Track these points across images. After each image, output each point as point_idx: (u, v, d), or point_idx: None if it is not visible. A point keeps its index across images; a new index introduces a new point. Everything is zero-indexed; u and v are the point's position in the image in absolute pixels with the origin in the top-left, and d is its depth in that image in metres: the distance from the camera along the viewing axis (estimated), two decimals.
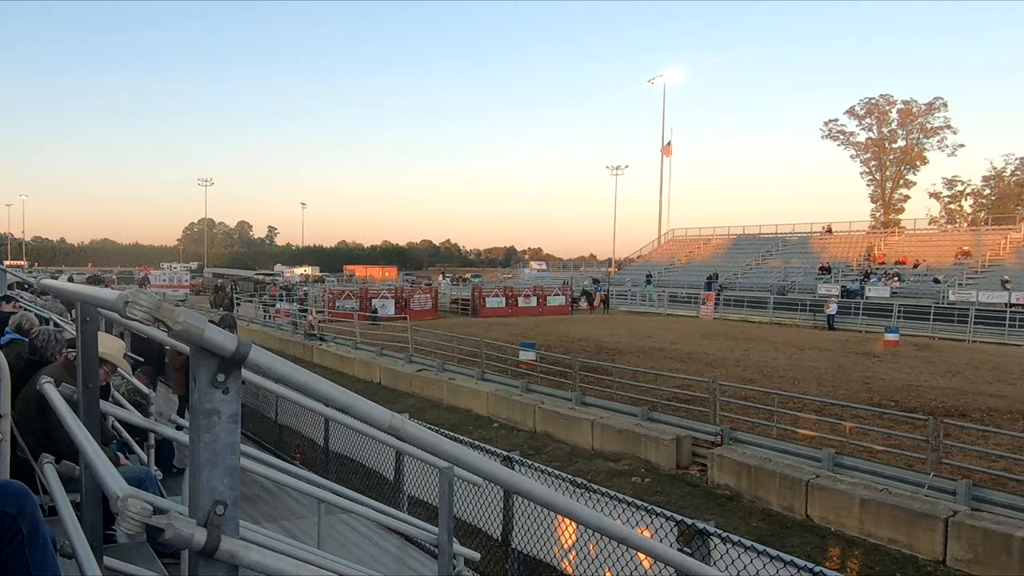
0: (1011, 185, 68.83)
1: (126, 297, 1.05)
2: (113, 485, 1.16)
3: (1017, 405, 15.05)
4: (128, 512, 1.08)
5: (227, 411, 1.11)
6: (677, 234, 64.86)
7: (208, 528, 1.10)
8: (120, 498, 1.09)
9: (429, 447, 1.36)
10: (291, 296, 39.67)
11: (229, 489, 1.13)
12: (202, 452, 1.09)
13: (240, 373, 1.11)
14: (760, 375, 18.57)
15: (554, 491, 1.58)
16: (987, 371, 20.26)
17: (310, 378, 1.21)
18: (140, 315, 1.04)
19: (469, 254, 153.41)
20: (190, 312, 1.06)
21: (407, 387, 19.60)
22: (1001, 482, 9.72)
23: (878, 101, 72.28)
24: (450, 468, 3.01)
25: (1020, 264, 39.36)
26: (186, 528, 1.08)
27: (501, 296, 40.86)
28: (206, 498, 1.10)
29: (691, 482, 11.84)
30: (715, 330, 31.78)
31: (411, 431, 1.33)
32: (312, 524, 5.33)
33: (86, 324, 1.97)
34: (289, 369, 1.18)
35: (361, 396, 1.29)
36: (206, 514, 1.10)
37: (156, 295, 1.06)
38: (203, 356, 1.07)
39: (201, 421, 1.09)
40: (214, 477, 1.11)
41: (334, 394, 1.24)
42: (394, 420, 1.31)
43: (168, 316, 1.04)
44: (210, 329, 1.06)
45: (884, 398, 15.58)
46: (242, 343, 1.09)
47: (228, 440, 1.11)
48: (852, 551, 9.25)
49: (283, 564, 1.24)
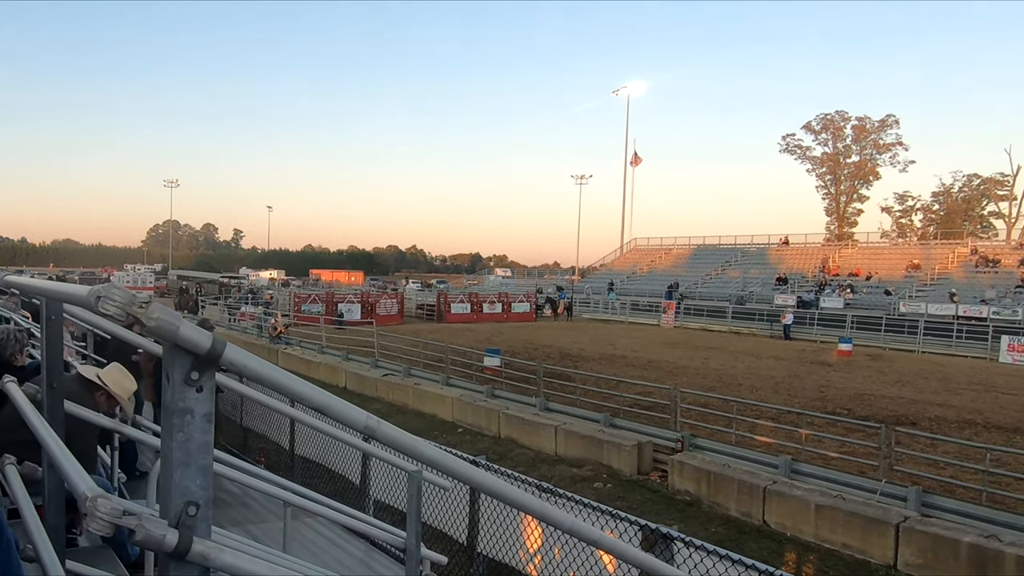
0: (959, 201, 71.16)
1: (98, 292, 1.02)
2: (82, 485, 1.13)
3: (964, 414, 15.54)
4: (97, 512, 1.05)
5: (201, 410, 1.08)
6: (639, 243, 65.59)
7: (180, 529, 1.08)
8: (89, 498, 1.06)
9: (404, 448, 1.35)
10: (256, 299, 39.05)
11: (202, 490, 1.10)
12: (175, 452, 1.07)
13: (214, 371, 1.09)
14: (719, 383, 18.85)
15: (529, 495, 1.58)
16: (935, 381, 20.88)
17: (285, 377, 1.20)
18: (113, 310, 1.01)
19: (435, 260, 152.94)
20: (164, 308, 1.04)
21: (373, 392, 19.44)
22: (950, 489, 10.02)
23: (833, 117, 74.16)
24: (419, 472, 2.99)
25: (967, 278, 40.72)
26: (157, 529, 1.06)
27: (466, 302, 40.80)
28: (178, 498, 1.08)
29: (652, 488, 11.94)
30: (676, 338, 32.18)
31: (386, 432, 1.32)
32: (277, 528, 5.24)
33: (51, 322, 1.91)
34: (264, 368, 1.16)
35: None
36: (178, 515, 1.08)
37: (129, 291, 1.04)
38: (177, 353, 1.05)
39: (174, 420, 1.06)
40: (187, 477, 1.08)
41: (309, 394, 1.22)
42: (369, 421, 1.30)
43: (142, 312, 1.02)
44: (184, 326, 1.04)
45: (838, 406, 15.94)
46: (217, 341, 1.07)
47: (201, 440, 1.09)
48: (807, 556, 9.43)
49: (256, 566, 1.21)
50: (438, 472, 4.25)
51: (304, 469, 8.69)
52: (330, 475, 8.49)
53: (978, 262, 42.42)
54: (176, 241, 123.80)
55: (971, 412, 15.82)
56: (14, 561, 1.96)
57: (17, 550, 2.01)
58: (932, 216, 73.44)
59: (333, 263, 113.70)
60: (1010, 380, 21.65)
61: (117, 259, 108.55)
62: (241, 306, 36.86)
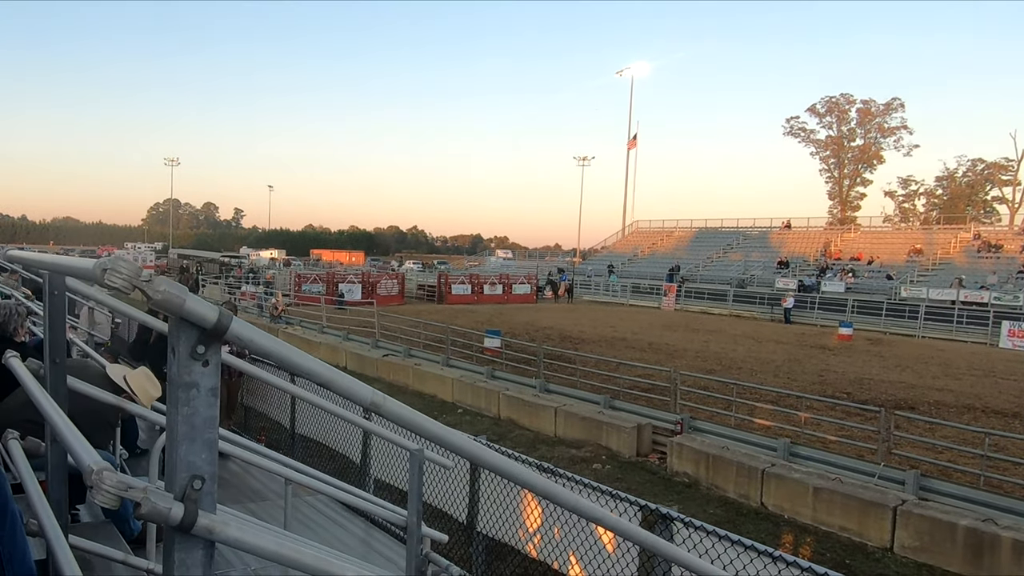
0: (962, 186, 70.95)
1: (104, 264, 1.01)
2: (86, 458, 1.13)
3: (963, 399, 15.59)
4: (103, 485, 1.05)
5: (206, 384, 1.08)
6: (641, 226, 65.49)
7: (185, 503, 1.07)
8: (95, 471, 1.06)
9: (409, 424, 1.35)
10: (257, 279, 39.10)
11: (207, 464, 1.10)
12: (180, 426, 1.06)
13: (220, 345, 1.09)
14: (719, 366, 18.89)
15: (534, 473, 1.58)
16: (935, 366, 20.93)
17: (291, 352, 1.19)
18: (120, 282, 1.00)
19: (436, 241, 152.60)
20: (171, 281, 1.03)
21: (373, 372, 19.51)
22: (947, 472, 10.07)
23: (838, 100, 73.76)
24: (420, 451, 3.00)
25: (969, 263, 40.69)
26: (162, 502, 1.06)
27: (467, 283, 40.87)
28: (183, 472, 1.08)
29: (651, 469, 12.01)
30: (676, 321, 32.21)
31: (392, 408, 1.32)
32: (278, 507, 5.28)
33: (54, 297, 1.90)
34: (270, 342, 1.15)
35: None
36: (183, 488, 1.08)
37: (136, 263, 1.03)
38: (183, 327, 1.04)
39: (180, 394, 1.06)
40: (192, 451, 1.08)
41: (315, 368, 1.22)
42: (375, 397, 1.29)
43: (148, 285, 1.01)
44: (191, 299, 1.03)
45: (837, 390, 15.98)
46: (223, 314, 1.06)
47: (207, 414, 1.08)
48: (804, 538, 9.50)
49: (261, 541, 1.21)
50: (440, 451, 4.28)
51: (304, 448, 8.73)
52: (331, 454, 8.54)
53: (980, 247, 42.37)
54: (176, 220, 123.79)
55: (970, 397, 15.87)
56: (19, 535, 1.98)
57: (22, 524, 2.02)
58: (935, 201, 73.27)
59: (334, 243, 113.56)
60: (1010, 365, 21.70)
61: (117, 237, 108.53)
62: (242, 285, 36.93)
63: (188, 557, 1.11)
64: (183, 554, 1.10)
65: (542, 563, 5.64)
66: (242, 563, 4.73)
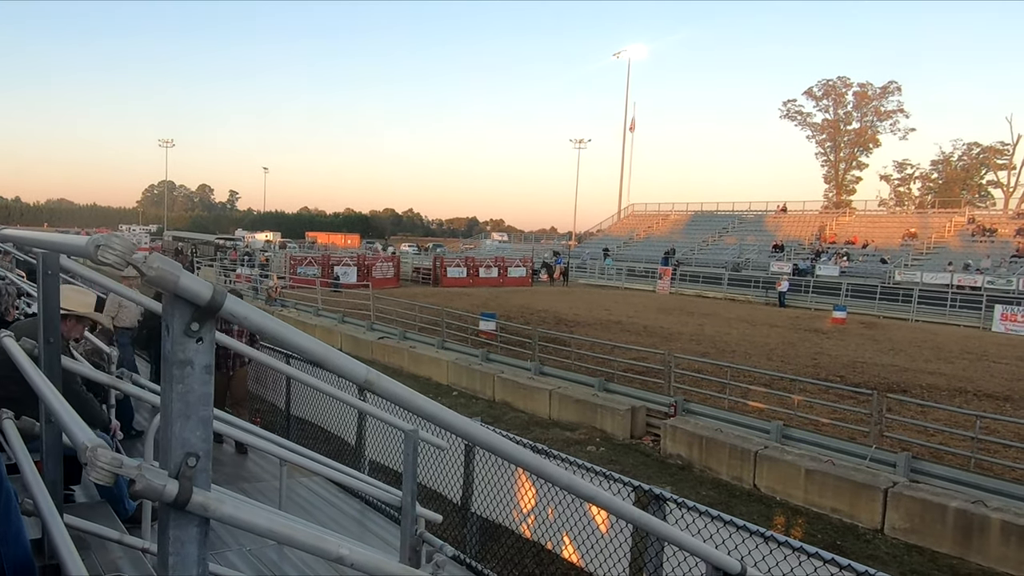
0: (957, 170, 70.96)
1: (97, 241, 1.01)
2: (81, 436, 1.13)
3: (955, 382, 15.69)
4: (98, 462, 1.05)
5: (201, 362, 1.08)
6: (637, 209, 65.42)
7: (180, 480, 1.08)
8: (89, 448, 1.06)
9: (402, 402, 1.35)
10: (252, 261, 39.03)
11: (202, 441, 1.10)
12: (175, 403, 1.06)
13: (215, 323, 1.09)
14: (713, 349, 18.96)
15: (527, 451, 1.59)
16: (928, 350, 21.04)
17: (285, 329, 1.19)
18: (113, 259, 1.00)
19: (431, 224, 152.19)
20: (164, 258, 1.03)
21: (368, 354, 19.55)
22: (938, 455, 10.16)
23: (835, 83, 73.48)
24: (415, 431, 3.01)
25: (963, 247, 40.81)
26: (157, 479, 1.06)
27: (462, 266, 40.87)
28: (178, 450, 1.08)
29: (644, 452, 12.10)
30: (671, 305, 32.27)
31: (385, 386, 1.32)
32: (273, 488, 5.31)
33: (48, 276, 1.89)
34: (265, 320, 1.15)
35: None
36: (178, 466, 1.08)
37: (129, 240, 1.03)
38: (177, 304, 1.04)
39: (174, 372, 1.06)
40: (187, 428, 1.08)
41: (309, 346, 1.22)
42: (369, 374, 1.29)
43: (141, 261, 1.01)
44: (185, 276, 1.02)
45: (831, 373, 16.07)
46: (217, 292, 1.06)
47: (202, 391, 1.08)
48: (796, 519, 9.60)
49: (255, 518, 1.22)
50: (434, 431, 4.29)
51: (300, 430, 8.75)
52: (326, 436, 8.57)
53: (975, 231, 42.48)
54: (171, 202, 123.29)
55: (962, 380, 15.97)
56: (14, 514, 1.98)
57: (17, 503, 2.03)
58: (930, 185, 73.35)
59: (329, 226, 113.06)
60: (1002, 349, 21.84)
61: (112, 219, 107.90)
62: (237, 268, 36.88)
63: (183, 534, 1.11)
64: (178, 531, 1.11)
65: (536, 543, 5.69)
66: (237, 543, 4.76)
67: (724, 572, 2.10)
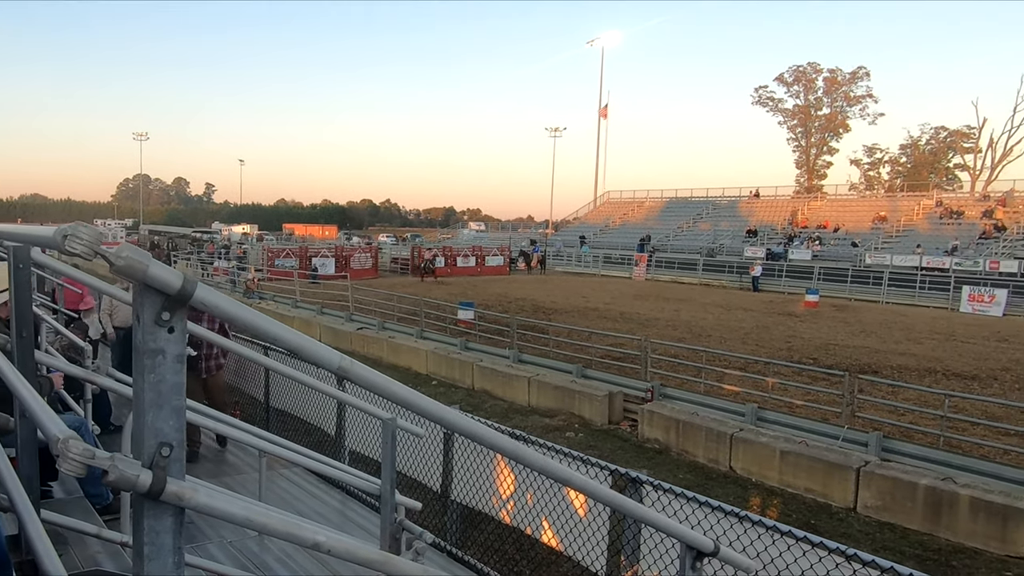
0: (925, 154, 72.13)
1: (64, 231, 1.00)
2: (53, 428, 1.12)
3: (925, 363, 16.02)
4: (69, 453, 1.05)
5: (173, 351, 1.07)
6: (612, 196, 65.65)
7: (153, 470, 1.07)
8: (60, 440, 1.05)
9: (377, 388, 1.36)
10: (229, 254, 38.65)
11: (175, 431, 1.10)
12: (147, 393, 1.06)
13: (186, 311, 1.08)
14: (689, 334, 19.15)
15: (501, 435, 1.61)
16: (898, 331, 21.44)
17: (257, 318, 1.19)
18: (81, 248, 0.99)
19: (409, 214, 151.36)
20: (133, 247, 1.02)
21: (348, 345, 19.48)
22: (909, 434, 10.38)
23: (805, 69, 74.11)
24: (393, 419, 3.02)
25: (932, 229, 41.54)
26: (130, 469, 1.05)
27: (441, 256, 40.80)
28: (151, 440, 1.07)
29: (622, 437, 12.21)
30: (647, 291, 32.50)
31: (359, 372, 1.32)
32: (253, 480, 5.28)
33: (19, 270, 1.86)
34: (236, 308, 1.15)
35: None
36: (151, 456, 1.07)
37: (96, 229, 1.02)
38: (147, 293, 1.04)
39: (146, 361, 1.05)
40: (159, 418, 1.08)
41: (282, 334, 1.22)
42: (343, 361, 1.30)
43: (109, 251, 1.00)
44: (154, 265, 1.02)
45: (804, 356, 16.32)
46: (188, 280, 1.05)
47: (174, 380, 1.08)
48: (772, 500, 9.77)
49: (230, 507, 1.22)
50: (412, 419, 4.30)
51: (280, 422, 8.71)
52: (306, 428, 8.54)
53: (942, 214, 43.22)
54: (147, 196, 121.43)
55: (931, 360, 16.31)
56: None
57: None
58: (899, 168, 74.46)
59: (306, 217, 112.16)
60: (969, 329, 22.32)
61: (87, 214, 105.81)
62: (214, 261, 36.52)
63: (158, 524, 1.11)
64: (153, 521, 1.10)
65: (515, 529, 5.73)
66: (218, 535, 4.74)
67: (698, 550, 2.15)
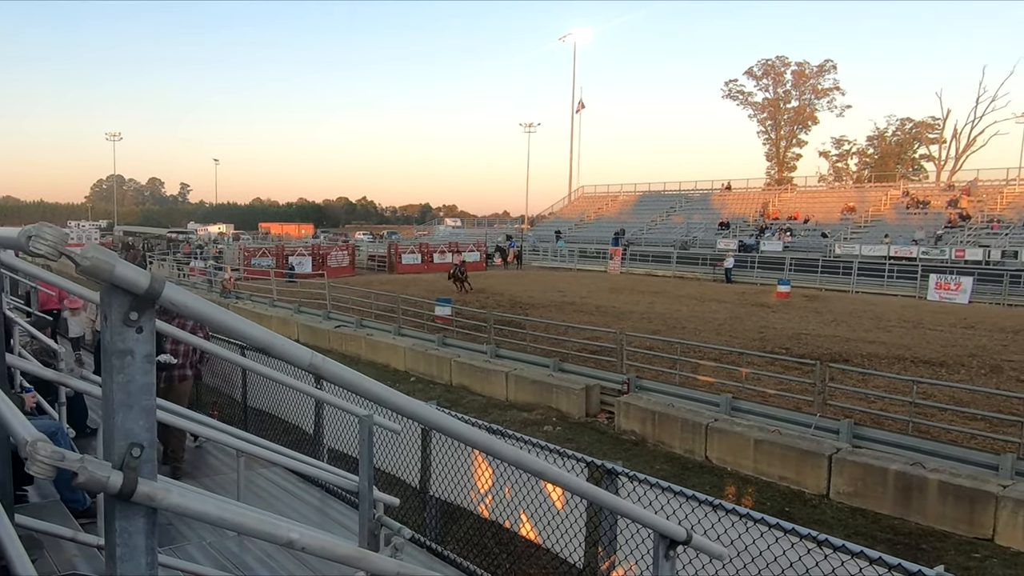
0: (892, 145, 73.40)
1: (29, 232, 0.99)
2: (21, 431, 1.11)
3: (894, 350, 16.33)
4: (38, 456, 1.04)
5: (141, 351, 1.07)
6: (587, 191, 65.90)
7: (124, 471, 1.07)
8: (29, 442, 1.04)
9: (349, 385, 1.36)
10: (205, 254, 38.21)
11: (145, 431, 1.09)
12: (116, 393, 1.06)
13: (154, 311, 1.08)
14: (664, 326, 19.32)
15: (474, 429, 1.62)
16: (868, 319, 21.82)
17: (228, 316, 1.19)
18: (45, 249, 0.99)
19: (385, 211, 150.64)
20: (99, 247, 1.02)
21: (326, 343, 19.39)
22: (879, 421, 10.58)
23: (774, 62, 75.01)
24: (369, 416, 3.02)
25: (899, 219, 42.31)
26: (100, 471, 1.05)
27: (417, 253, 40.74)
28: (121, 440, 1.07)
29: (600, 429, 12.30)
30: (622, 284, 32.70)
31: (331, 369, 1.33)
32: (232, 480, 5.24)
33: None
34: (205, 307, 1.15)
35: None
36: (122, 456, 1.07)
37: (61, 229, 1.01)
38: (115, 294, 1.03)
39: (114, 361, 1.05)
40: (129, 419, 1.07)
41: (252, 332, 1.22)
42: (314, 359, 1.30)
43: (74, 251, 1.00)
44: (121, 264, 1.02)
45: (776, 346, 16.54)
46: (155, 279, 1.05)
47: (143, 381, 1.08)
48: (746, 488, 9.91)
49: (204, 506, 1.22)
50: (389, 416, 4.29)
51: (258, 421, 8.65)
52: (284, 427, 8.49)
53: (909, 204, 44.03)
54: (121, 196, 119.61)
55: (900, 348, 16.63)
56: None
57: None
58: (867, 160, 75.69)
59: (283, 216, 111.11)
60: (937, 316, 22.78)
61: (60, 216, 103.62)
62: (190, 261, 36.14)
63: (130, 525, 1.10)
64: (125, 522, 1.10)
65: (494, 523, 5.76)
66: (198, 536, 4.70)
67: (671, 539, 2.18)
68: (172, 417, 3.23)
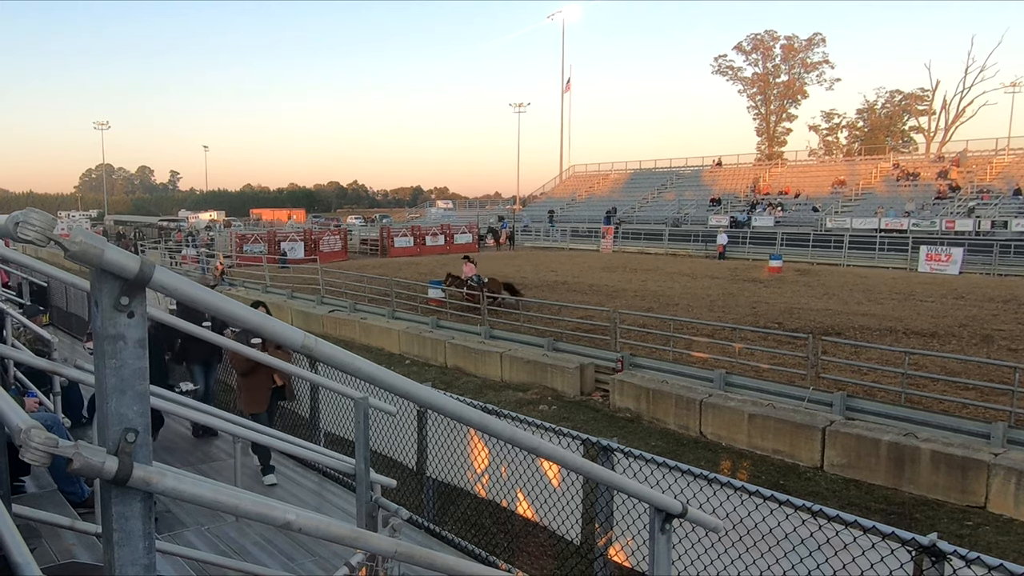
0: (882, 117, 73.35)
1: (16, 218, 0.99)
2: (15, 418, 1.11)
3: (885, 322, 16.42)
4: (32, 443, 1.04)
5: (133, 336, 1.07)
6: (578, 170, 65.72)
7: (119, 456, 1.07)
8: (23, 430, 1.04)
9: (342, 366, 1.37)
10: (196, 242, 38.01)
11: (139, 416, 1.10)
12: (109, 379, 1.06)
13: (145, 295, 1.08)
14: (657, 303, 19.36)
15: (468, 407, 1.63)
16: (859, 292, 21.92)
17: (218, 299, 1.19)
18: (32, 235, 0.98)
19: (377, 195, 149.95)
20: (87, 232, 1.01)
21: (319, 328, 19.39)
22: (872, 392, 10.67)
23: (763, 37, 74.64)
24: (364, 398, 3.03)
25: (889, 192, 42.39)
26: (95, 457, 1.05)
27: (409, 236, 40.60)
28: (116, 426, 1.07)
29: (595, 407, 12.36)
30: (615, 263, 32.71)
31: (324, 350, 1.33)
32: (229, 466, 5.25)
33: None
34: (197, 290, 1.15)
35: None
36: (116, 442, 1.07)
37: (49, 215, 1.00)
38: (104, 279, 1.03)
39: (106, 347, 1.05)
40: (123, 404, 1.07)
41: (244, 315, 1.22)
42: (307, 339, 1.30)
43: (63, 237, 0.99)
44: (110, 249, 1.01)
45: (769, 320, 16.61)
46: (145, 264, 1.05)
47: (136, 365, 1.08)
48: (741, 462, 10.00)
49: (199, 490, 1.22)
50: (384, 398, 4.31)
51: None
52: (280, 412, 8.50)
53: (899, 176, 44.09)
54: (111, 185, 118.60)
55: (892, 320, 16.72)
56: None
57: None
58: (857, 133, 75.64)
59: (274, 202, 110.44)
60: (927, 288, 22.90)
61: (50, 206, 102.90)
62: (182, 249, 35.97)
63: (126, 510, 1.11)
64: (121, 507, 1.10)
65: (491, 502, 5.80)
66: (196, 522, 4.73)
67: (667, 513, 2.20)
68: (163, 403, 3.23)
